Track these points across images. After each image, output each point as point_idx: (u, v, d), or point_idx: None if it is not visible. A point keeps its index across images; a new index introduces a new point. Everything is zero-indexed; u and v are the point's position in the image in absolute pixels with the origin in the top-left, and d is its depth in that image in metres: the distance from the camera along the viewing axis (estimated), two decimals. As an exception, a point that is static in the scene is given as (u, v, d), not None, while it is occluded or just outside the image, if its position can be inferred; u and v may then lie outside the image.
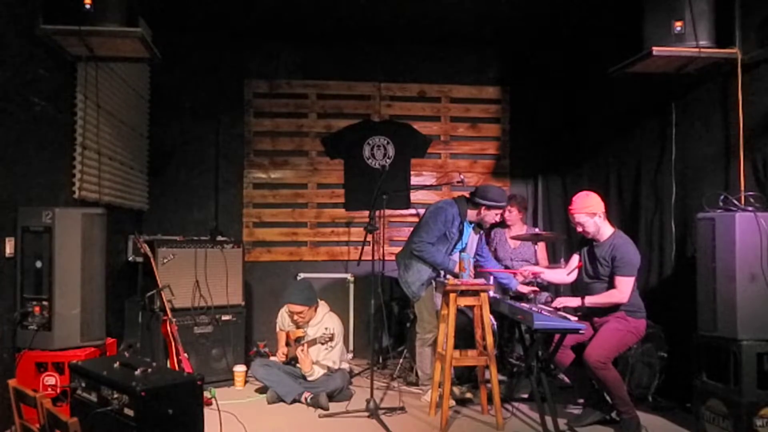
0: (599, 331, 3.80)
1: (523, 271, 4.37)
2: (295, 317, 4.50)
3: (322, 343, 4.37)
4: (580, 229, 3.93)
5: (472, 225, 4.56)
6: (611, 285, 3.80)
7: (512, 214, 5.43)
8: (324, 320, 4.56)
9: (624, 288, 3.74)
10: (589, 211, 3.86)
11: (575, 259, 4.14)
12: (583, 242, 4.06)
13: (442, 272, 4.45)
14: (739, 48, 3.85)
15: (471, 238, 4.59)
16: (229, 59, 5.90)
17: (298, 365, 4.51)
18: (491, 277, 4.89)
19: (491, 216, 4.44)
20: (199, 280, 4.81)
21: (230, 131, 5.94)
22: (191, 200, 5.85)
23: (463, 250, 4.59)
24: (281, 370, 4.45)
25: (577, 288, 4.18)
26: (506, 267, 5.25)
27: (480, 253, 4.66)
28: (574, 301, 3.90)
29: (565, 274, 4.20)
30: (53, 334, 3.39)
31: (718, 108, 4.09)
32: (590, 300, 3.84)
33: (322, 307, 4.65)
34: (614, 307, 3.81)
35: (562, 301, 3.96)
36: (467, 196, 4.53)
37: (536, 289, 4.64)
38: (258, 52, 6.00)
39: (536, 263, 5.10)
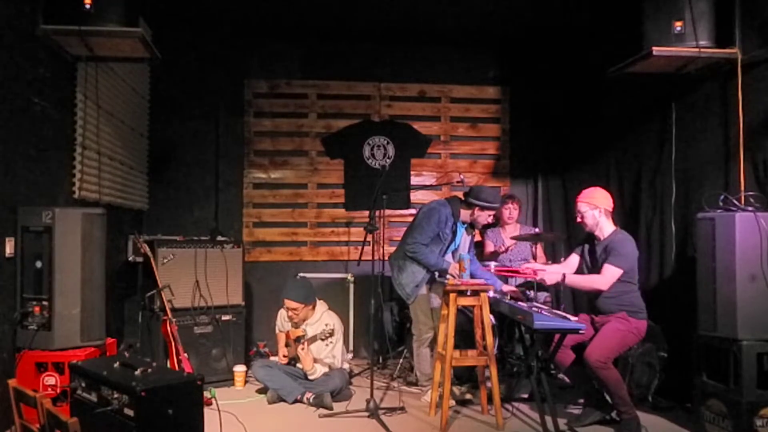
0: (600, 331, 3.81)
1: (525, 269, 4.35)
2: (290, 313, 4.48)
3: (323, 339, 4.36)
4: (579, 219, 3.96)
5: (465, 225, 4.55)
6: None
7: (513, 213, 5.47)
8: (323, 318, 4.55)
9: (608, 276, 3.75)
10: (591, 203, 3.90)
11: (574, 258, 4.14)
12: (585, 240, 4.07)
13: (437, 273, 4.45)
14: (739, 48, 3.84)
15: (464, 238, 4.59)
16: (229, 59, 5.90)
17: (299, 365, 4.52)
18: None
19: (484, 217, 4.43)
20: (199, 280, 4.81)
21: (230, 131, 5.94)
22: (191, 200, 5.85)
23: (455, 250, 4.59)
24: (282, 371, 4.45)
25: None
26: (505, 267, 5.26)
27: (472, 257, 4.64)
28: (556, 277, 3.89)
29: (561, 269, 4.19)
30: (53, 334, 3.39)
31: (718, 108, 4.09)
32: (571, 279, 3.86)
33: (321, 305, 4.64)
34: (616, 308, 3.81)
35: (545, 275, 3.93)
36: (460, 196, 4.52)
37: (515, 289, 4.63)
38: (258, 52, 6.00)
39: (535, 261, 5.10)
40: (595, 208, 3.89)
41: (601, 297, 3.86)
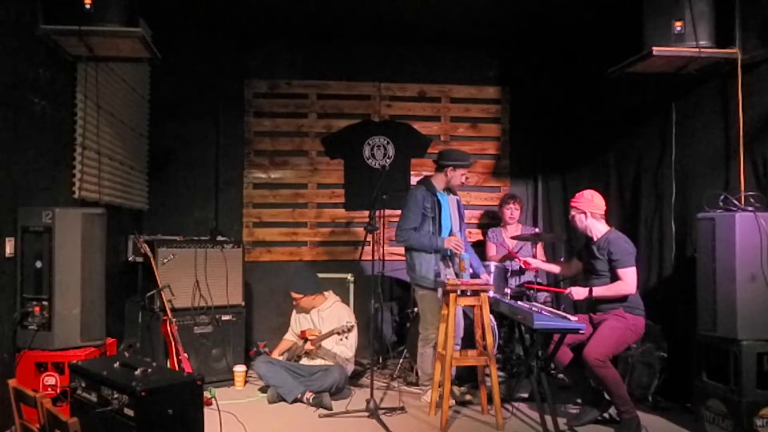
0: (598, 329, 3.81)
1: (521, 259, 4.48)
2: (294, 302, 4.70)
3: (339, 333, 4.42)
4: (572, 222, 4.07)
5: (447, 194, 4.60)
6: (613, 280, 3.83)
7: (515, 213, 5.51)
8: (334, 308, 4.67)
9: (629, 279, 3.78)
10: (578, 207, 3.99)
11: (577, 263, 4.22)
12: (584, 243, 4.11)
13: (438, 270, 4.46)
14: (739, 48, 3.84)
15: (452, 211, 4.62)
16: (229, 59, 5.90)
17: (303, 361, 4.58)
18: (490, 273, 4.92)
19: (458, 177, 4.51)
20: (199, 280, 4.81)
21: (230, 131, 5.94)
22: (191, 200, 5.84)
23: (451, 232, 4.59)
24: (283, 368, 4.46)
25: (576, 285, 4.22)
26: (505, 267, 5.27)
27: (464, 226, 4.74)
28: (583, 292, 3.90)
29: (556, 267, 4.46)
30: (53, 334, 3.39)
31: (718, 108, 4.09)
32: (598, 291, 3.85)
33: (332, 296, 4.78)
34: (613, 305, 3.83)
35: (572, 290, 3.95)
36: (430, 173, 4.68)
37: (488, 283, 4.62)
38: (258, 52, 5.99)
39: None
40: (581, 212, 3.97)
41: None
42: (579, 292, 3.92)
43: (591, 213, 3.95)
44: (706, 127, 4.21)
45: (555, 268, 4.50)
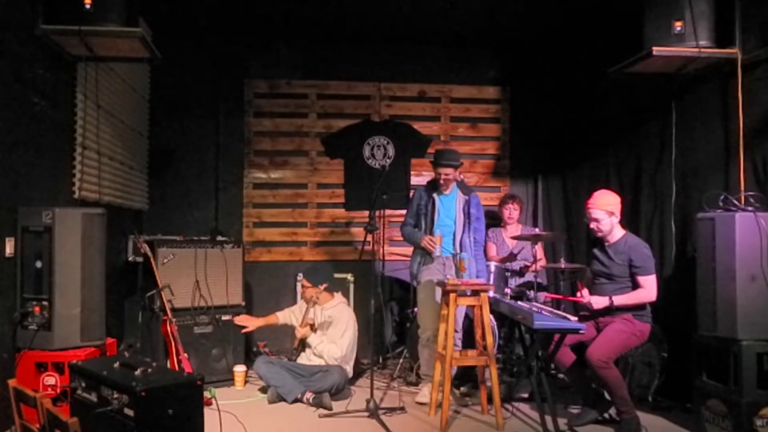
0: (603, 331, 3.80)
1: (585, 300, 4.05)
2: (301, 289, 4.80)
3: (312, 324, 4.50)
4: (593, 225, 3.89)
5: (449, 194, 4.62)
6: (634, 285, 3.81)
7: (513, 213, 5.51)
8: (338, 308, 4.68)
9: (650, 286, 3.78)
10: (608, 210, 3.86)
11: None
12: (593, 246, 4.07)
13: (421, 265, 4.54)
14: (739, 48, 3.85)
15: (457, 208, 4.59)
16: (229, 59, 5.90)
17: (300, 360, 4.59)
18: (490, 273, 4.93)
19: (441, 175, 4.53)
20: (199, 280, 4.80)
21: (230, 131, 5.94)
22: (191, 200, 5.84)
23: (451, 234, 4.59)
24: (284, 369, 4.45)
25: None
26: (506, 268, 5.26)
27: (477, 227, 4.64)
28: (603, 301, 3.83)
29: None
30: (53, 334, 3.39)
31: (718, 108, 4.09)
32: (619, 300, 3.80)
33: (339, 297, 4.79)
34: (621, 308, 3.81)
35: (592, 299, 3.86)
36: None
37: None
38: (258, 52, 6.00)
39: (534, 262, 5.11)
40: (612, 215, 3.86)
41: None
42: (599, 302, 3.84)
43: (618, 214, 3.88)
44: (706, 127, 4.21)
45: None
